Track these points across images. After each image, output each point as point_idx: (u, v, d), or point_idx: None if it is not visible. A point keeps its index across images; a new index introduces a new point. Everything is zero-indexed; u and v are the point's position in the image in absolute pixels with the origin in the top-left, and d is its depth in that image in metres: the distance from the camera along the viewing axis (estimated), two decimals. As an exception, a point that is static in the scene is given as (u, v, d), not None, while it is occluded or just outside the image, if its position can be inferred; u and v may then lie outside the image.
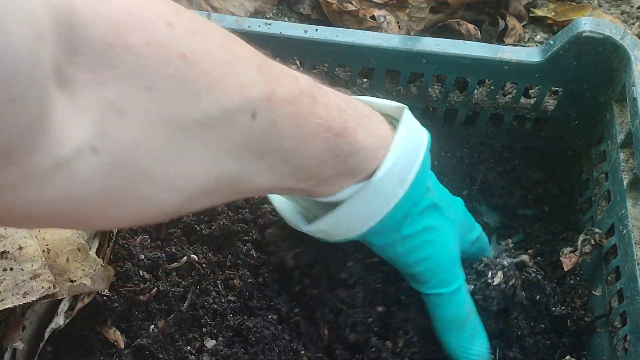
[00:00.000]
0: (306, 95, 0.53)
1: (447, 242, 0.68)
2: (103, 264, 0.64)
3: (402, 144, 0.61)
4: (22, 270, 0.60)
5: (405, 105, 0.66)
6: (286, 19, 1.10)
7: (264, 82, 0.49)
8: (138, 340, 0.67)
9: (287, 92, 0.51)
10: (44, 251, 0.62)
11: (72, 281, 0.62)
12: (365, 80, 0.94)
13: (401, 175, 0.61)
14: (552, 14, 1.16)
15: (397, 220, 0.63)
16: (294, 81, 0.52)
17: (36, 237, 0.63)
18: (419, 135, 0.65)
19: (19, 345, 0.62)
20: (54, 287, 0.60)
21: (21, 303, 0.59)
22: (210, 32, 0.46)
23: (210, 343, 0.68)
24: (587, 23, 0.85)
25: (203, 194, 0.48)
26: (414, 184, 0.62)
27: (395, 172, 0.61)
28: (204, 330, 0.69)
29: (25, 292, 0.60)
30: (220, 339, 0.69)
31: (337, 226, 0.63)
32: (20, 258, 0.61)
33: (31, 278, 0.60)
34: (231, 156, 0.47)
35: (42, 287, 0.60)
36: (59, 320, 0.65)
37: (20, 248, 0.61)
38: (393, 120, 0.66)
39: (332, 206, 0.62)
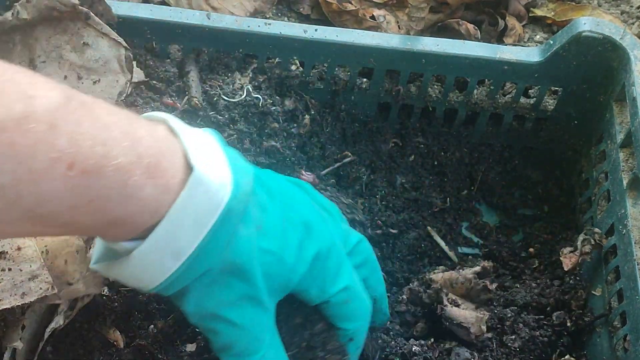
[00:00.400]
0: (37, 120, 0.42)
1: (252, 325, 0.57)
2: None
3: (180, 213, 0.50)
4: (21, 270, 0.60)
5: (216, 163, 0.52)
6: (286, 19, 1.10)
7: None
8: (137, 340, 0.67)
9: (3, 114, 0.40)
10: (42, 252, 0.62)
11: (69, 284, 0.62)
12: (365, 80, 0.94)
13: (175, 248, 0.50)
14: (552, 13, 1.16)
15: (179, 290, 0.53)
16: (21, 103, 0.42)
17: (35, 238, 0.63)
18: (212, 202, 0.51)
19: (19, 345, 0.62)
20: (52, 288, 0.60)
21: (19, 304, 0.59)
22: None
23: None
24: (587, 23, 0.85)
25: None
26: (194, 257, 0.51)
27: (168, 243, 0.50)
28: None
29: (24, 292, 0.60)
30: None
31: (119, 276, 0.54)
32: (19, 259, 0.61)
33: (29, 279, 0.60)
34: None
35: (40, 288, 0.60)
36: (59, 320, 0.65)
37: (19, 249, 0.61)
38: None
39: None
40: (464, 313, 0.76)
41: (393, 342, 0.75)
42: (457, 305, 0.78)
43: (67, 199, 0.45)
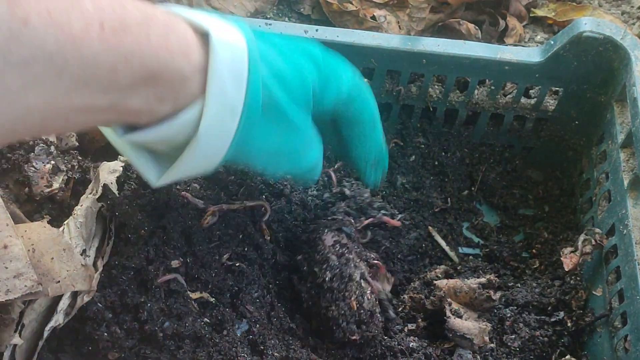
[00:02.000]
0: None
1: (301, 139, 0.65)
2: (84, 264, 0.64)
3: (219, 73, 0.55)
4: (6, 268, 0.61)
5: (221, 23, 0.57)
6: (286, 19, 1.11)
7: None
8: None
9: None
10: (29, 251, 0.62)
11: (56, 281, 0.62)
12: (366, 80, 0.94)
13: (230, 106, 0.56)
14: (553, 14, 1.16)
15: (241, 147, 0.59)
16: None
17: (22, 236, 0.63)
18: (237, 63, 0.56)
19: (18, 341, 0.62)
20: (38, 285, 0.60)
21: (3, 300, 0.60)
22: None
23: None
24: (588, 23, 0.85)
25: None
26: (246, 108, 0.57)
27: (222, 105, 0.56)
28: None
29: (8, 289, 0.60)
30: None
31: (187, 170, 0.60)
32: (5, 257, 0.61)
33: (14, 276, 0.61)
34: None
35: (25, 286, 0.60)
36: (59, 319, 0.65)
37: (5, 247, 0.62)
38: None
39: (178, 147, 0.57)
40: (467, 324, 0.76)
41: (393, 340, 0.75)
42: (460, 316, 0.78)
43: (106, 60, 0.47)
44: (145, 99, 0.52)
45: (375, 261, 0.79)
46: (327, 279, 0.74)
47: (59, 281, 0.63)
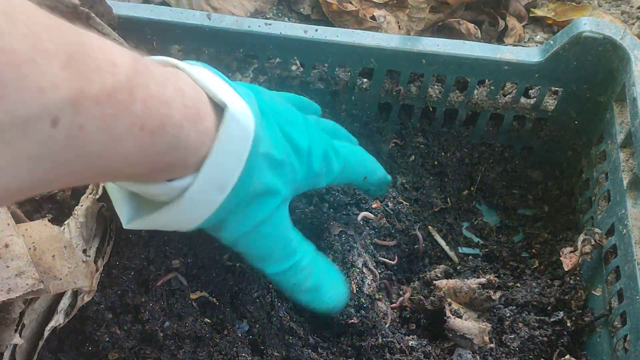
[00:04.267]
0: (122, 90, 0.45)
1: (277, 229, 0.65)
2: (85, 260, 0.64)
3: (222, 151, 0.56)
4: (7, 267, 0.61)
5: (234, 96, 0.58)
6: (286, 19, 1.11)
7: (70, 81, 0.41)
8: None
9: (98, 89, 0.43)
10: (30, 249, 0.62)
11: (57, 278, 0.62)
12: (365, 80, 0.94)
13: (221, 182, 0.57)
14: (552, 14, 1.16)
15: (219, 219, 0.60)
16: (109, 73, 0.44)
17: (23, 235, 0.63)
18: (244, 134, 0.58)
19: (19, 341, 0.62)
20: (39, 283, 0.61)
21: (5, 299, 0.60)
22: (11, 18, 0.38)
23: None
24: (587, 23, 0.85)
25: None
26: (236, 187, 0.58)
27: (214, 180, 0.56)
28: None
29: (10, 288, 0.60)
30: None
31: (161, 224, 0.60)
32: (6, 255, 0.61)
33: (16, 275, 0.61)
34: (24, 169, 0.41)
35: (27, 284, 0.60)
36: (59, 319, 0.65)
37: (6, 246, 0.62)
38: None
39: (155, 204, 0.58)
40: (467, 324, 0.77)
41: (393, 338, 0.76)
42: (460, 316, 0.78)
43: (133, 157, 0.48)
44: (153, 179, 0.55)
45: (386, 260, 0.82)
46: None
47: (60, 279, 0.63)
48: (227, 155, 0.56)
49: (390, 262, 0.82)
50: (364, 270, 0.76)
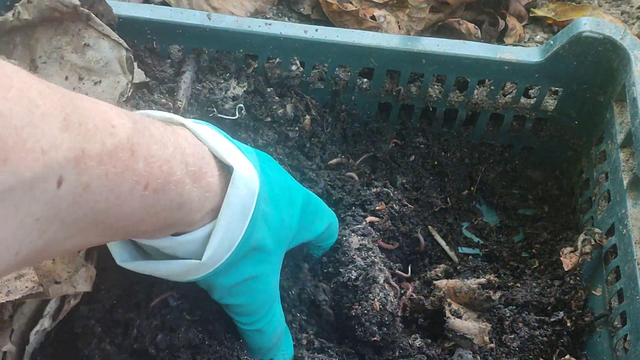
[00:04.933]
0: (123, 149, 0.46)
1: (267, 285, 0.66)
2: (84, 264, 0.64)
3: (230, 211, 0.57)
4: None
5: (240, 156, 0.60)
6: (286, 19, 1.11)
7: (71, 141, 0.42)
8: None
9: (99, 149, 0.44)
10: None
11: (57, 282, 0.62)
12: (365, 80, 0.94)
13: (227, 246, 0.59)
14: (552, 14, 1.16)
15: (215, 273, 0.61)
16: (109, 134, 0.45)
17: None
18: (250, 193, 0.59)
19: (10, 348, 0.62)
20: (39, 286, 0.61)
21: (3, 301, 0.60)
22: (3, 84, 0.39)
23: None
24: (587, 23, 0.85)
25: (3, 273, 0.43)
26: (238, 247, 0.59)
27: (222, 246, 0.58)
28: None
29: (9, 290, 0.60)
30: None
31: (160, 273, 0.61)
32: None
33: (15, 278, 0.61)
34: (34, 230, 0.41)
35: (26, 287, 0.60)
36: (44, 323, 0.65)
37: None
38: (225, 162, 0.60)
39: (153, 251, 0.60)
40: (467, 325, 0.77)
41: (394, 337, 0.76)
42: (460, 316, 0.78)
43: (139, 214, 0.49)
44: (153, 236, 0.56)
45: (401, 272, 0.82)
46: (352, 277, 0.74)
47: (59, 282, 0.63)
48: (235, 215, 0.58)
49: (404, 274, 0.82)
50: (386, 287, 0.75)
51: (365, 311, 0.73)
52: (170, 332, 0.66)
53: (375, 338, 0.73)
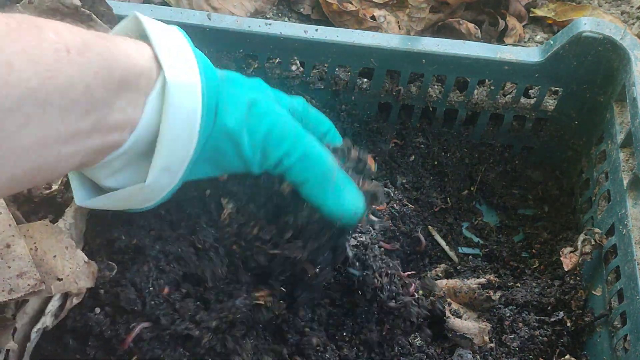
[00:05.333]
0: (27, 25, 0.47)
1: (274, 107, 0.62)
2: (87, 260, 0.64)
3: (172, 120, 0.55)
4: (9, 267, 0.61)
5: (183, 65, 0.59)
6: (286, 19, 1.11)
7: None
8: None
9: (3, 28, 0.45)
10: (31, 249, 0.62)
11: (59, 279, 0.62)
12: (365, 80, 0.94)
13: (179, 162, 0.57)
14: (552, 14, 1.16)
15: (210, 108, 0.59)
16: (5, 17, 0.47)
17: (24, 235, 0.63)
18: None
19: (13, 346, 0.62)
20: (40, 284, 0.61)
21: (6, 299, 0.60)
22: None
23: None
24: (587, 23, 0.85)
25: None
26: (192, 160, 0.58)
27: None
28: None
29: (11, 289, 0.60)
30: None
31: (116, 204, 0.61)
32: (8, 256, 0.61)
33: (17, 275, 0.61)
34: None
35: (28, 284, 0.60)
36: (46, 321, 0.65)
37: (7, 246, 0.62)
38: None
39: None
40: (467, 324, 0.77)
41: (395, 336, 0.76)
42: (460, 316, 0.78)
43: (79, 80, 0.49)
44: (122, 109, 0.54)
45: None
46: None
47: (62, 279, 0.63)
48: (179, 126, 0.56)
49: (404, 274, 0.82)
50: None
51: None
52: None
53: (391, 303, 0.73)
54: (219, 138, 0.59)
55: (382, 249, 0.81)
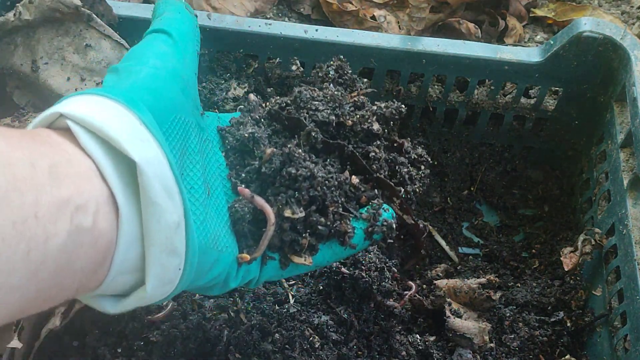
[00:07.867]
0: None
1: None
2: None
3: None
4: None
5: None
6: (286, 19, 1.11)
7: None
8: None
9: None
10: None
11: None
12: (365, 80, 0.94)
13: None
14: (552, 14, 1.16)
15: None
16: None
17: None
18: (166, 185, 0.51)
19: (17, 344, 0.62)
20: None
21: None
22: None
23: None
24: (587, 23, 0.85)
25: None
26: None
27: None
28: None
29: None
30: None
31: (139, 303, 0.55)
32: None
33: None
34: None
35: None
36: (55, 321, 0.65)
37: None
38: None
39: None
40: (467, 324, 0.77)
41: (396, 336, 0.76)
42: (460, 316, 0.78)
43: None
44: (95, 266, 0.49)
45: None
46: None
47: None
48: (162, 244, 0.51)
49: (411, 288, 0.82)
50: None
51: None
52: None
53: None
54: None
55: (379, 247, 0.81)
